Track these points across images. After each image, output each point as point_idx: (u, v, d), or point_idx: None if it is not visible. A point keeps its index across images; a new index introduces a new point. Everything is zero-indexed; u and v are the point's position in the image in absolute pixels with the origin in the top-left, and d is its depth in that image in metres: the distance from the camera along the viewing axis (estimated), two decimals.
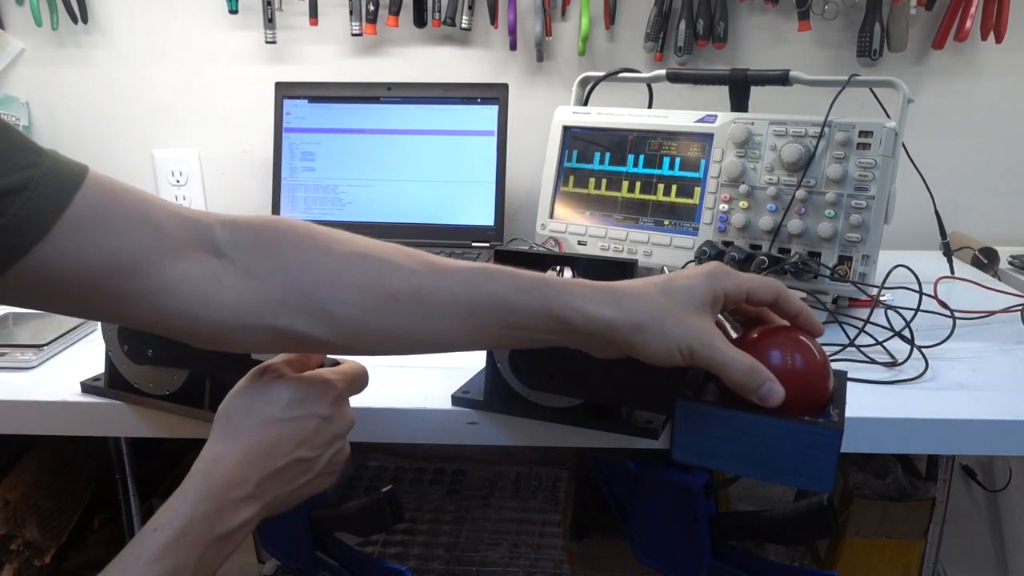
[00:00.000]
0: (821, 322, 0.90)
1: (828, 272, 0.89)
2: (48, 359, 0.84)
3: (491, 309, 0.52)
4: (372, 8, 1.32)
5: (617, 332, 0.51)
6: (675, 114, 1.02)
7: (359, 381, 0.61)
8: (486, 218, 1.25)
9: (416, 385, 0.76)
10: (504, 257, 0.68)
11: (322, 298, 0.51)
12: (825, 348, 0.81)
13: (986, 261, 1.18)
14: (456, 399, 0.72)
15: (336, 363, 0.62)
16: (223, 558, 0.52)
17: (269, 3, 1.33)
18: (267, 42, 1.34)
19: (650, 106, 1.12)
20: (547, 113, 1.11)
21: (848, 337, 0.82)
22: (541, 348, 0.61)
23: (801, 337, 0.54)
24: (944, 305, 0.89)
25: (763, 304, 0.56)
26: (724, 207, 0.97)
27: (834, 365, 0.79)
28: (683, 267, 0.95)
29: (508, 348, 0.56)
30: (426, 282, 0.52)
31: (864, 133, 0.89)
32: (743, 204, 0.95)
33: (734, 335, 0.57)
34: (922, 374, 0.77)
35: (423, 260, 0.54)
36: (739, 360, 0.51)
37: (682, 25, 1.28)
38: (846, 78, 0.95)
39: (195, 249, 0.50)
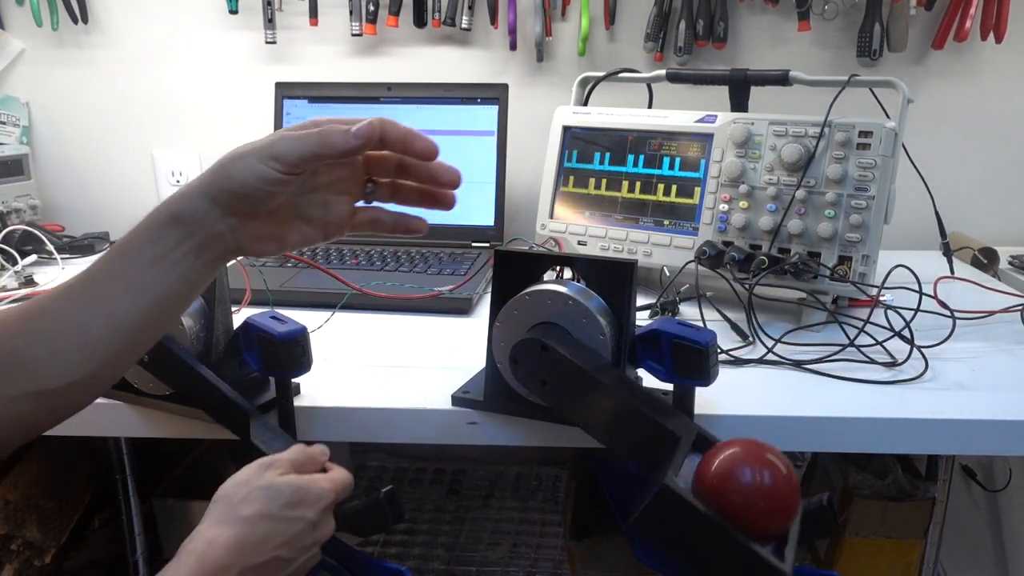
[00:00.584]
0: (820, 321, 0.90)
1: (828, 272, 0.90)
2: None
3: (125, 263, 0.54)
4: (372, 8, 1.32)
5: (207, 186, 0.55)
6: (675, 114, 1.02)
7: (347, 490, 0.63)
8: (486, 218, 1.25)
9: (416, 385, 0.76)
10: (504, 257, 0.68)
11: (16, 350, 0.53)
12: (825, 348, 0.82)
13: (986, 261, 1.18)
14: (456, 399, 0.72)
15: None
16: None
17: (269, 3, 1.33)
18: (267, 42, 1.35)
19: (650, 106, 1.12)
20: (547, 113, 1.11)
21: (848, 337, 0.82)
22: (542, 351, 0.61)
23: (774, 457, 0.53)
24: (944, 305, 0.89)
25: (366, 148, 0.57)
26: (724, 207, 0.97)
27: (834, 366, 0.79)
28: (683, 267, 0.95)
29: (176, 291, 0.56)
30: (81, 285, 0.54)
31: (864, 133, 0.89)
32: (743, 204, 0.95)
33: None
34: (922, 374, 0.77)
35: (79, 275, 0.55)
36: (309, 130, 0.54)
37: (682, 25, 1.29)
38: (846, 78, 0.95)
39: None
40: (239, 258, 0.99)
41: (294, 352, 0.68)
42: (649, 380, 0.67)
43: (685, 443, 0.58)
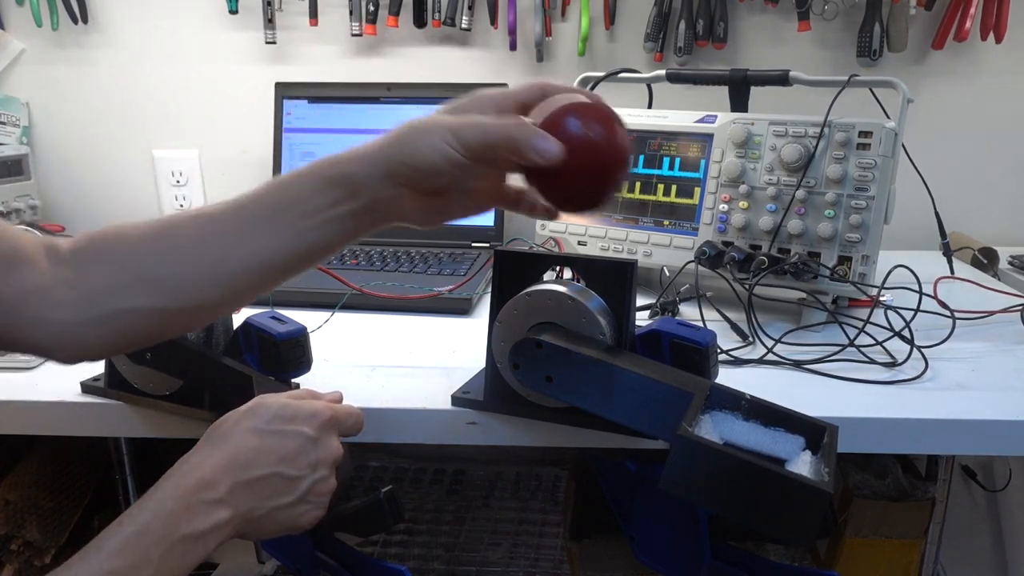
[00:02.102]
0: (820, 321, 0.90)
1: (828, 272, 0.89)
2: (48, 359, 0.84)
3: (280, 208, 0.54)
4: (372, 8, 1.32)
5: (385, 157, 0.53)
6: (675, 114, 1.02)
7: (351, 419, 0.62)
8: (486, 218, 1.25)
9: (416, 385, 0.76)
10: (504, 257, 0.68)
11: (138, 267, 0.53)
12: (825, 348, 0.82)
13: (986, 261, 1.18)
14: (456, 399, 0.72)
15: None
16: (192, 560, 0.52)
17: (269, 3, 1.33)
18: (267, 42, 1.34)
19: (650, 106, 1.12)
20: None
21: (848, 337, 0.82)
22: (541, 351, 0.61)
23: (574, 101, 0.54)
24: (944, 305, 0.89)
25: (535, 102, 0.56)
26: (724, 207, 0.97)
27: (834, 366, 0.79)
28: (683, 267, 0.95)
29: (326, 243, 0.56)
30: (221, 215, 0.55)
31: (864, 133, 0.89)
32: (743, 204, 0.95)
33: None
34: (922, 374, 0.77)
35: (220, 203, 0.56)
36: (504, 120, 0.53)
37: (682, 25, 1.29)
38: (846, 78, 0.95)
39: (44, 260, 0.53)
40: None
41: (294, 352, 0.68)
42: None
43: (698, 399, 0.57)
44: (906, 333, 0.82)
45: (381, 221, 0.56)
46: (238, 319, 0.71)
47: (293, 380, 0.71)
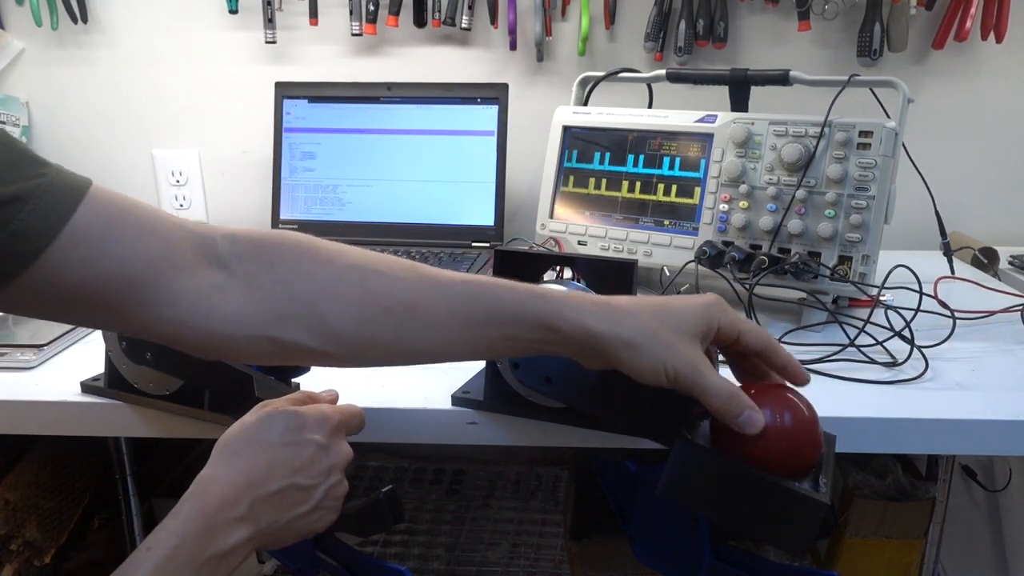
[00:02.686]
0: (820, 321, 0.90)
1: (828, 272, 0.89)
2: (48, 359, 0.84)
3: (486, 320, 0.53)
4: (372, 8, 1.32)
5: (608, 345, 0.52)
6: (675, 114, 1.02)
7: (356, 420, 0.62)
8: (486, 218, 1.25)
9: (416, 385, 0.76)
10: (504, 257, 0.68)
11: (320, 310, 0.51)
12: (825, 348, 0.82)
13: (986, 261, 1.18)
14: (456, 399, 0.72)
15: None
16: None
17: (269, 3, 1.33)
18: (267, 42, 1.34)
19: (650, 106, 1.12)
20: (547, 113, 1.11)
21: (848, 337, 0.82)
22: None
23: (792, 396, 0.54)
24: (944, 305, 0.89)
25: (750, 350, 0.56)
26: (724, 207, 0.97)
27: (834, 366, 0.79)
28: (683, 267, 0.95)
29: (503, 357, 0.56)
30: (422, 294, 0.53)
31: (864, 133, 0.89)
32: (743, 204, 0.95)
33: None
34: (922, 374, 0.77)
35: (420, 272, 0.54)
36: (721, 386, 0.52)
37: (682, 25, 1.28)
38: (846, 78, 0.95)
39: (199, 261, 0.51)
40: None
41: None
42: None
43: (699, 404, 0.57)
44: (906, 333, 0.82)
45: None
46: None
47: (293, 380, 0.71)
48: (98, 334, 0.79)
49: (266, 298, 0.51)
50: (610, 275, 0.65)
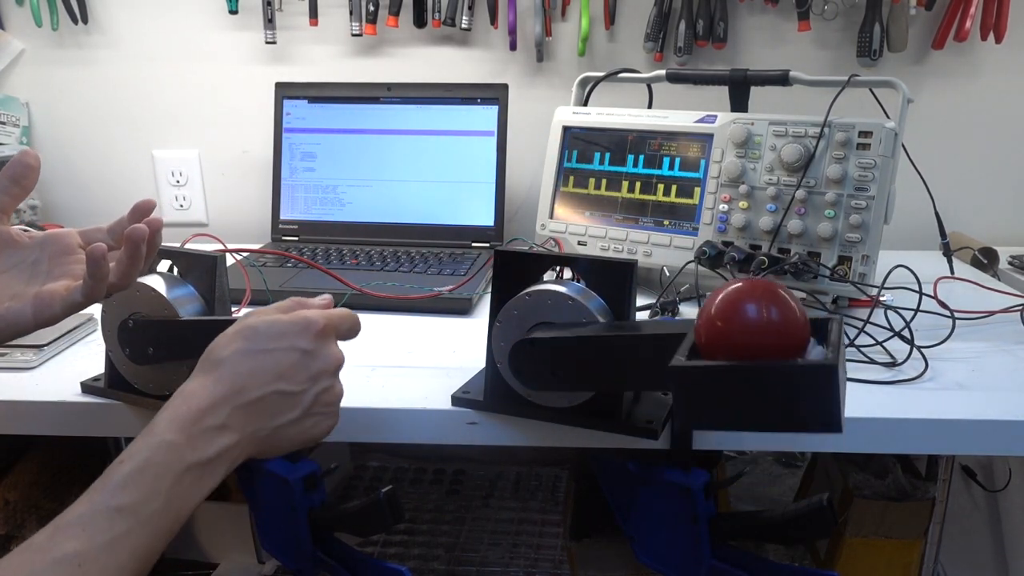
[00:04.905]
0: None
1: (828, 272, 0.90)
2: (48, 359, 0.84)
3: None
4: (372, 8, 1.32)
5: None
6: (675, 114, 1.02)
7: (347, 323, 0.60)
8: (486, 218, 1.25)
9: (416, 385, 0.76)
10: (504, 257, 0.68)
11: None
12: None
13: (986, 261, 1.18)
14: (456, 399, 0.72)
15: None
16: (204, 488, 0.52)
17: (269, 3, 1.33)
18: (267, 42, 1.35)
19: (650, 106, 1.12)
20: (547, 113, 1.11)
21: (848, 337, 0.82)
22: (539, 348, 0.61)
23: (773, 288, 0.52)
24: (944, 305, 0.89)
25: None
26: (724, 207, 0.97)
27: None
28: (683, 267, 0.95)
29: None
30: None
31: (864, 133, 0.89)
32: (743, 204, 0.95)
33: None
34: (922, 374, 0.77)
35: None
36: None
37: (682, 25, 1.28)
38: (846, 78, 0.95)
39: None
40: (239, 256, 0.99)
41: None
42: None
43: (692, 335, 0.57)
44: (906, 333, 0.82)
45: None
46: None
47: None
48: (98, 334, 0.79)
49: None
50: (610, 275, 0.65)
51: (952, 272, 1.03)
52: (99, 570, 0.47)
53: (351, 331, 0.61)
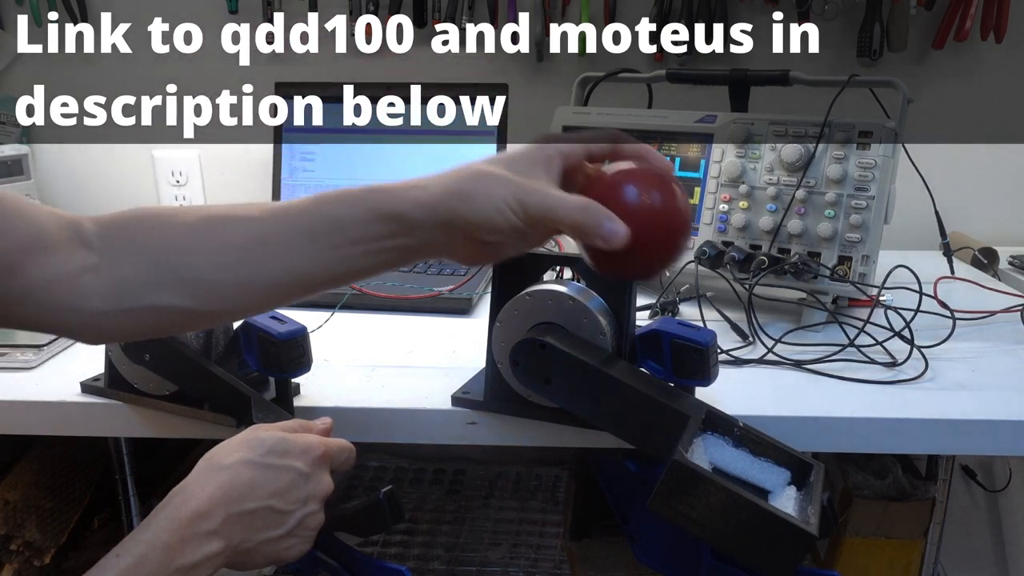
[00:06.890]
0: (820, 321, 0.90)
1: (828, 272, 0.89)
2: (48, 359, 0.84)
3: (330, 230, 0.53)
4: (372, 8, 1.31)
5: (445, 208, 0.51)
6: (675, 114, 1.02)
7: (344, 454, 0.62)
8: None
9: (416, 385, 0.76)
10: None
11: (181, 267, 0.52)
12: (825, 348, 0.82)
13: (986, 261, 1.18)
14: (456, 399, 0.72)
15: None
16: None
17: (269, 3, 1.33)
18: (267, 42, 1.34)
19: (650, 106, 1.12)
20: (547, 113, 1.11)
21: (848, 337, 0.82)
22: (540, 349, 0.61)
23: (652, 170, 0.53)
24: (944, 305, 0.89)
25: (604, 156, 0.56)
26: (724, 207, 0.97)
27: (834, 366, 0.79)
28: (683, 267, 0.95)
29: (368, 269, 0.55)
30: (268, 224, 0.53)
31: (864, 133, 0.89)
32: (743, 204, 0.95)
33: None
34: (922, 374, 0.77)
35: (266, 207, 0.55)
36: (572, 199, 0.51)
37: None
38: (846, 78, 0.95)
39: (70, 244, 0.52)
40: None
41: (294, 352, 0.68)
42: None
43: (694, 422, 0.57)
44: (906, 333, 0.82)
45: (428, 256, 0.56)
46: None
47: (293, 380, 0.71)
48: None
49: (133, 270, 0.52)
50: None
51: (952, 272, 1.03)
52: None
53: (346, 463, 0.62)
